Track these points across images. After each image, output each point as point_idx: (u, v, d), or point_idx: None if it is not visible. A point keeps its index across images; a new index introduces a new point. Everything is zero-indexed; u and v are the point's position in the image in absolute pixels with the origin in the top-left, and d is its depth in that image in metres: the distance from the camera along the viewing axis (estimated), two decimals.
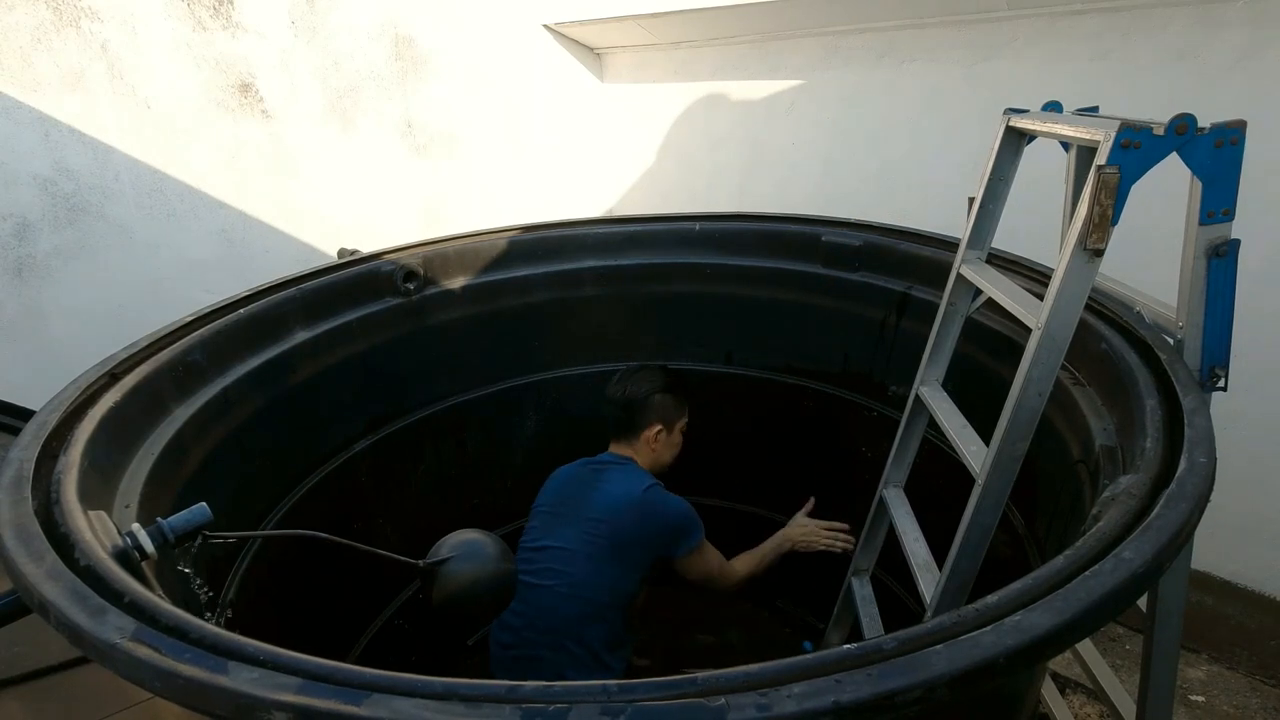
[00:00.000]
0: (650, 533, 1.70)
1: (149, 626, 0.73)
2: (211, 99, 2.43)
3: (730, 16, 2.82)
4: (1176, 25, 1.98)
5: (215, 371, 1.49)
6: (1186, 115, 0.97)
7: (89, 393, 1.22)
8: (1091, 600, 0.70)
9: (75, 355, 1.48)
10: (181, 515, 0.94)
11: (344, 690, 0.64)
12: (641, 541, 1.69)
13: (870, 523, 1.74)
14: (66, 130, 2.16)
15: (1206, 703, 2.12)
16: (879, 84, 2.65)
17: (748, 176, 3.16)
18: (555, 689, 0.63)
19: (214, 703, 0.65)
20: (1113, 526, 0.82)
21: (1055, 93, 1.43)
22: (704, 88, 3.20)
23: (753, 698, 0.61)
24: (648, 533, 1.69)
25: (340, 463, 1.80)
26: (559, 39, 3.38)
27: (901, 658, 0.65)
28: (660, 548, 1.72)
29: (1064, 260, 1.02)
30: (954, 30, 2.42)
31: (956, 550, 1.21)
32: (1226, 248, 1.08)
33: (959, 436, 1.31)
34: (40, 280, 2.18)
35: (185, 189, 2.41)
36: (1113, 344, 1.20)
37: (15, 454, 1.03)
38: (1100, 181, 0.96)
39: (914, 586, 1.39)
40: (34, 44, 2.07)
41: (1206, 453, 0.91)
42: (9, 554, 0.84)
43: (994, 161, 1.37)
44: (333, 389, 1.76)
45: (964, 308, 1.47)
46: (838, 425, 2.06)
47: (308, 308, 1.71)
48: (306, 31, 2.60)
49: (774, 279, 2.04)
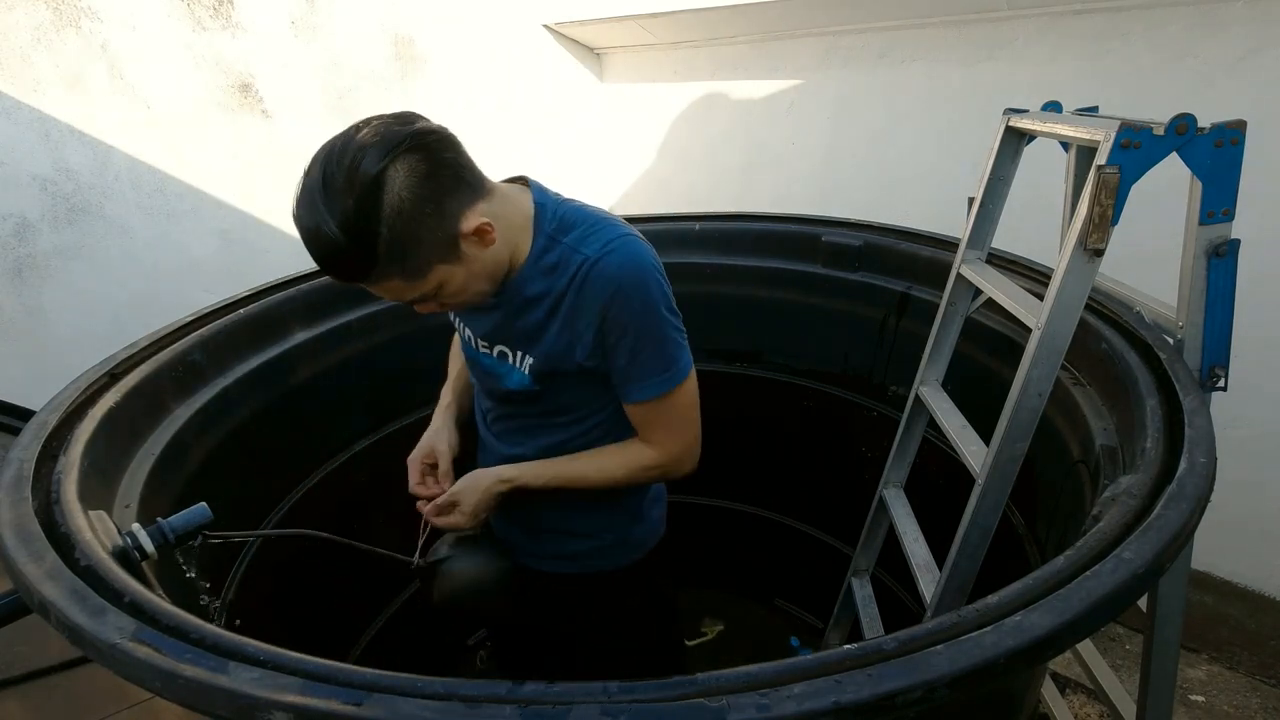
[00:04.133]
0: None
1: (149, 626, 0.73)
2: (212, 99, 2.43)
3: (730, 16, 2.82)
4: (1176, 25, 1.98)
5: (215, 371, 1.49)
6: (1186, 115, 0.97)
7: (89, 393, 1.22)
8: (1091, 601, 0.70)
9: (75, 355, 1.48)
10: (181, 515, 0.94)
11: (344, 690, 0.64)
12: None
13: (870, 523, 1.74)
14: (66, 130, 2.16)
15: (1206, 703, 2.12)
16: (879, 84, 2.65)
17: (748, 176, 3.16)
18: (555, 689, 0.63)
19: (214, 703, 0.65)
20: (1113, 527, 0.82)
21: (1055, 93, 1.43)
22: (704, 87, 3.20)
23: (753, 698, 0.61)
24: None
25: (340, 462, 1.80)
26: (559, 39, 3.38)
27: (902, 658, 0.64)
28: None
29: (1064, 260, 1.02)
30: (954, 30, 2.42)
31: (956, 550, 1.21)
32: (1226, 248, 1.08)
33: (959, 436, 1.31)
34: (40, 280, 2.18)
35: (185, 189, 2.41)
36: (1113, 344, 1.20)
37: (15, 454, 1.03)
38: (1100, 181, 0.96)
39: (914, 586, 1.39)
40: (34, 44, 2.07)
41: (1207, 453, 0.91)
42: (9, 554, 0.84)
43: (994, 161, 1.37)
44: (333, 389, 1.76)
45: (964, 308, 1.47)
46: (838, 425, 2.06)
47: (308, 308, 1.71)
48: (306, 31, 2.60)
49: (774, 279, 2.04)
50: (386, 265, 0.92)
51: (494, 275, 1.06)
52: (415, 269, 0.95)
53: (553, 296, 1.08)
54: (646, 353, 1.08)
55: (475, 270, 1.02)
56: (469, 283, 1.02)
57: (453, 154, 0.94)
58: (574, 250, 1.06)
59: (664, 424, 1.16)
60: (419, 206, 0.90)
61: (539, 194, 1.11)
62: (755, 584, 2.44)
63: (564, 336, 1.10)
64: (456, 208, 0.95)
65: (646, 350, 1.08)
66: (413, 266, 0.95)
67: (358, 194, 0.86)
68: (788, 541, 2.30)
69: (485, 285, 1.06)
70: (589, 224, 1.08)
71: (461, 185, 0.95)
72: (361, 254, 0.90)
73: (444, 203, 0.93)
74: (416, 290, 0.99)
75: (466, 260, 0.99)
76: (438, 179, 0.92)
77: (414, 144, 0.89)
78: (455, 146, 0.95)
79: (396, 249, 0.91)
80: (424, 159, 0.90)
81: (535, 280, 1.09)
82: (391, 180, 0.88)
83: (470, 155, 0.99)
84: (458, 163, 0.95)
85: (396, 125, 0.90)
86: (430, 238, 0.93)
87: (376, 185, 0.87)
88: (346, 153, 0.87)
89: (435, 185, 0.91)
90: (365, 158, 0.86)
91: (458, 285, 1.01)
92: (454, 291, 1.02)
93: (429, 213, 0.91)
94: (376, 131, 0.88)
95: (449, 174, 0.93)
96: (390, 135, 0.88)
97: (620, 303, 1.04)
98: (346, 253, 0.89)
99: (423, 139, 0.90)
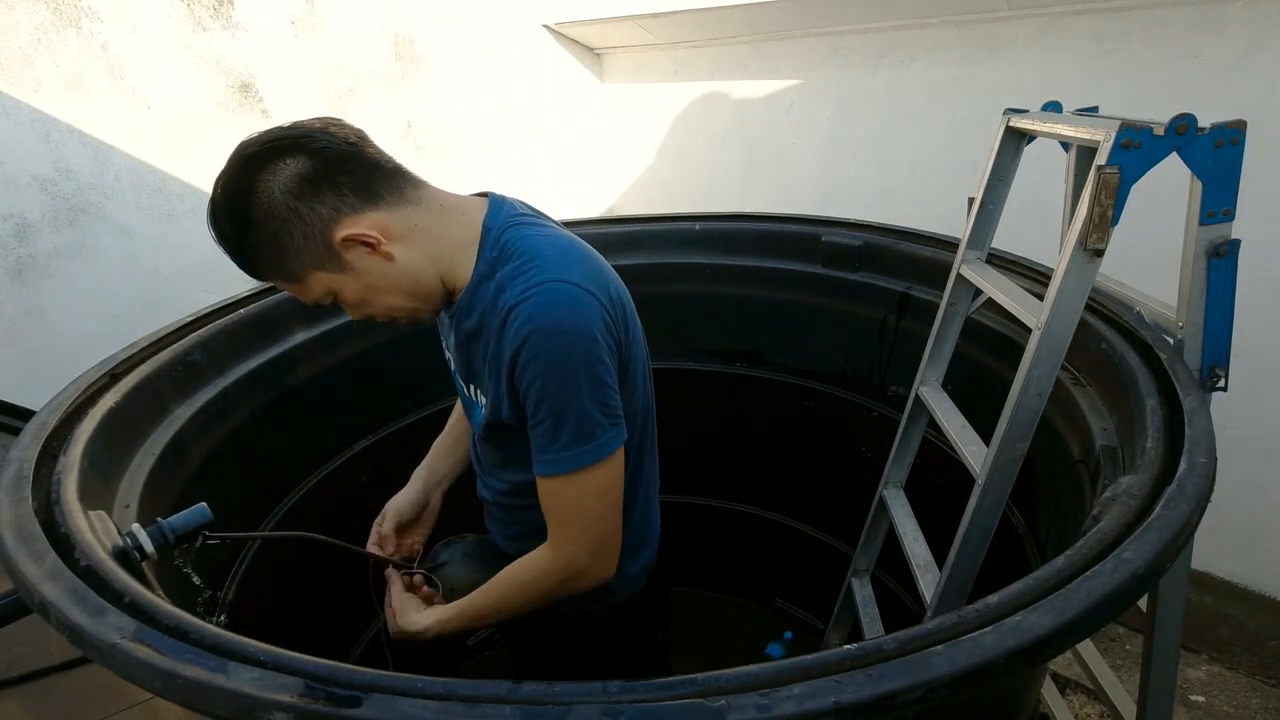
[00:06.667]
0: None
1: (149, 626, 0.73)
2: (212, 99, 2.43)
3: (730, 16, 2.82)
4: (1176, 25, 1.98)
5: (215, 371, 1.49)
6: (1186, 115, 0.97)
7: (89, 393, 1.22)
8: (1092, 601, 0.70)
9: (75, 355, 1.48)
10: (181, 515, 0.94)
11: (344, 690, 0.64)
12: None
13: (870, 523, 1.74)
14: (66, 130, 2.16)
15: (1206, 703, 2.12)
16: (879, 84, 2.65)
17: (748, 176, 3.16)
18: (555, 689, 0.63)
19: (214, 703, 0.65)
20: (1113, 527, 0.82)
21: (1055, 93, 1.43)
22: (704, 87, 3.20)
23: (753, 698, 0.61)
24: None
25: (340, 463, 1.80)
26: (559, 39, 3.38)
27: (902, 658, 0.64)
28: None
29: (1064, 260, 1.02)
30: (954, 30, 2.42)
31: (956, 550, 1.21)
32: (1227, 248, 1.08)
33: (959, 436, 1.31)
34: (40, 280, 2.18)
35: (186, 189, 2.41)
36: (1113, 344, 1.20)
37: (15, 454, 1.03)
38: (1100, 181, 0.96)
39: (914, 586, 1.39)
40: (34, 44, 2.07)
41: (1207, 453, 0.91)
42: (9, 554, 0.84)
43: (994, 161, 1.37)
44: (333, 389, 1.76)
45: (964, 308, 1.47)
46: (838, 425, 2.06)
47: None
48: (306, 31, 2.60)
49: (774, 279, 2.04)
50: (263, 266, 0.92)
51: (412, 291, 0.98)
52: (290, 273, 0.92)
53: (486, 337, 0.98)
54: (553, 419, 0.93)
55: (375, 283, 0.95)
56: (370, 295, 0.96)
57: (333, 157, 0.89)
58: (501, 289, 0.94)
59: (561, 512, 0.99)
60: (283, 210, 0.88)
61: (492, 213, 1.00)
62: (755, 584, 2.44)
63: (492, 384, 1.00)
64: (329, 214, 0.89)
65: (553, 416, 0.93)
66: (288, 271, 0.92)
67: (230, 195, 0.87)
68: (788, 541, 2.30)
69: (400, 300, 0.98)
70: (526, 258, 0.94)
71: (337, 192, 0.89)
72: (235, 252, 0.90)
73: (314, 208, 0.89)
74: (307, 294, 0.95)
75: (355, 271, 0.93)
76: (313, 184, 0.88)
77: (294, 147, 0.87)
78: (337, 149, 0.89)
79: (265, 250, 0.90)
80: (305, 163, 0.88)
81: (473, 313, 1.00)
82: (263, 183, 0.87)
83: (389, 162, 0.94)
84: (336, 168, 0.89)
85: (286, 130, 0.88)
86: (299, 243, 0.90)
87: (246, 188, 0.87)
88: (233, 155, 0.88)
89: (306, 190, 0.88)
90: (243, 161, 0.87)
91: (355, 296, 0.96)
92: (355, 302, 0.97)
93: (292, 217, 0.88)
94: (265, 136, 0.88)
95: (327, 180, 0.89)
96: (272, 139, 0.87)
97: (530, 356, 0.90)
98: (226, 249, 0.90)
99: (307, 144, 0.87)
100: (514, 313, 0.90)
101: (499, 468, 1.18)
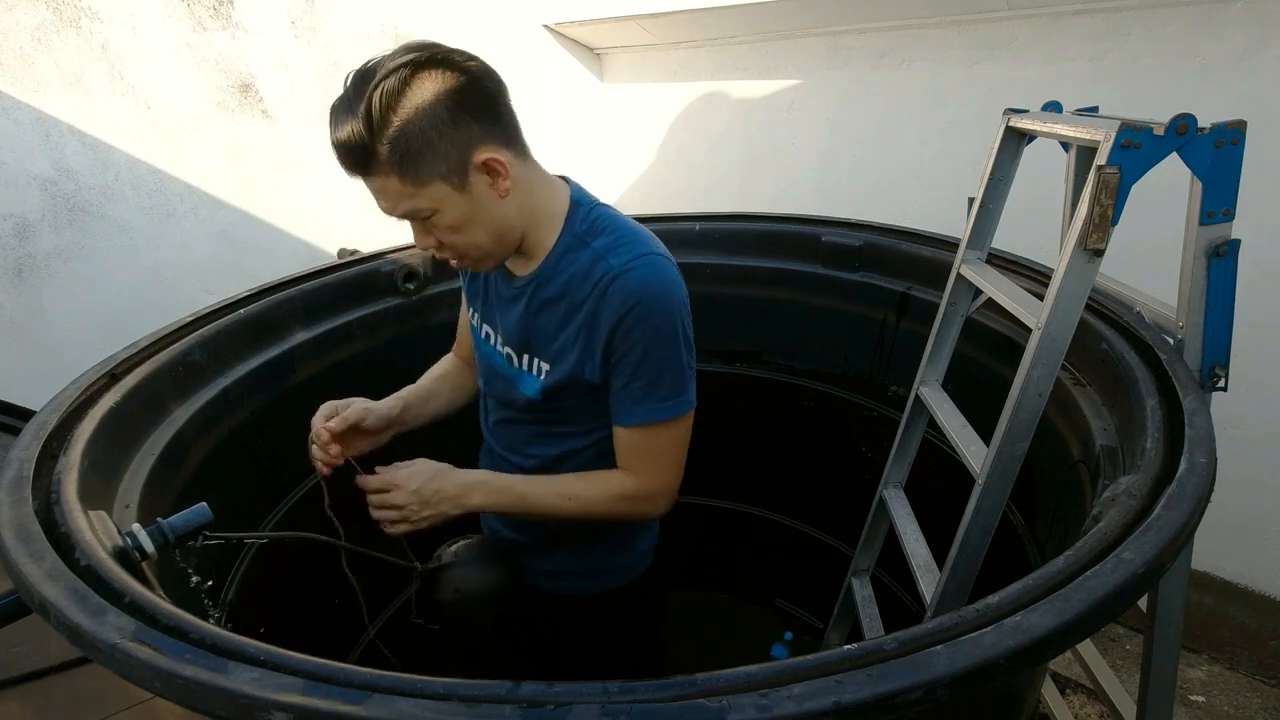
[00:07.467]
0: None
1: (149, 626, 0.73)
2: (212, 99, 2.43)
3: (730, 16, 2.82)
4: (1176, 25, 1.98)
5: (215, 371, 1.49)
6: (1186, 115, 0.97)
7: (89, 393, 1.22)
8: (1092, 601, 0.70)
9: (75, 355, 1.48)
10: (181, 515, 0.94)
11: (344, 690, 0.64)
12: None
13: (870, 523, 1.74)
14: (66, 130, 2.16)
15: (1206, 703, 2.12)
16: (879, 84, 2.65)
17: (748, 176, 3.16)
18: (555, 689, 0.63)
19: (214, 703, 0.65)
20: (1113, 527, 0.82)
21: (1055, 93, 1.43)
22: (704, 88, 3.20)
23: (753, 698, 0.61)
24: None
25: (340, 463, 1.79)
26: (559, 39, 3.38)
27: (902, 658, 0.64)
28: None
29: (1064, 260, 1.02)
30: (954, 30, 2.42)
31: (956, 550, 1.21)
32: (1226, 248, 1.08)
33: (959, 436, 1.31)
34: (40, 280, 2.18)
35: (186, 189, 2.41)
36: (1113, 344, 1.20)
37: (15, 454, 1.03)
38: (1100, 181, 0.96)
39: (914, 586, 1.39)
40: (34, 44, 2.07)
41: (1207, 453, 0.91)
42: (9, 554, 0.84)
43: (994, 161, 1.37)
44: (333, 389, 1.75)
45: (964, 308, 1.47)
46: (838, 425, 2.06)
47: (308, 308, 1.71)
48: (306, 31, 2.60)
49: (774, 279, 2.04)
50: (390, 155, 0.91)
51: (500, 234, 1.02)
52: (415, 171, 0.93)
53: (572, 303, 1.04)
54: (654, 375, 1.04)
55: (478, 214, 0.98)
56: (468, 224, 0.99)
57: (495, 92, 0.96)
58: (600, 258, 1.02)
59: (654, 454, 1.10)
60: (438, 111, 0.91)
61: (577, 192, 1.09)
62: (755, 584, 2.44)
63: (577, 348, 1.06)
64: (477, 133, 0.94)
65: (654, 373, 1.03)
66: (413, 167, 0.92)
67: (388, 81, 0.89)
68: (788, 541, 2.30)
69: (486, 239, 1.01)
70: (621, 234, 1.04)
71: (491, 120, 0.96)
72: (369, 134, 0.90)
73: (465, 121, 0.93)
74: (411, 200, 0.95)
75: (472, 194, 0.96)
76: (468, 99, 0.93)
77: (457, 68, 0.92)
78: (500, 88, 0.97)
79: (402, 141, 0.90)
80: (462, 78, 0.92)
81: (556, 280, 1.05)
82: (423, 80, 0.90)
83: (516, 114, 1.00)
84: (496, 101, 0.96)
85: (450, 50, 0.93)
86: (439, 146, 0.92)
87: (407, 80, 0.89)
88: (395, 53, 0.91)
89: (462, 102, 0.92)
90: (409, 56, 0.90)
91: (456, 218, 0.97)
92: (450, 224, 0.98)
93: (446, 120, 0.91)
94: (425, 45, 0.92)
95: (481, 102, 0.94)
96: (437, 49, 0.92)
97: (636, 319, 1.00)
98: (357, 130, 0.90)
99: (466, 65, 0.93)
100: (620, 279, 1.00)
101: (527, 443, 1.21)
